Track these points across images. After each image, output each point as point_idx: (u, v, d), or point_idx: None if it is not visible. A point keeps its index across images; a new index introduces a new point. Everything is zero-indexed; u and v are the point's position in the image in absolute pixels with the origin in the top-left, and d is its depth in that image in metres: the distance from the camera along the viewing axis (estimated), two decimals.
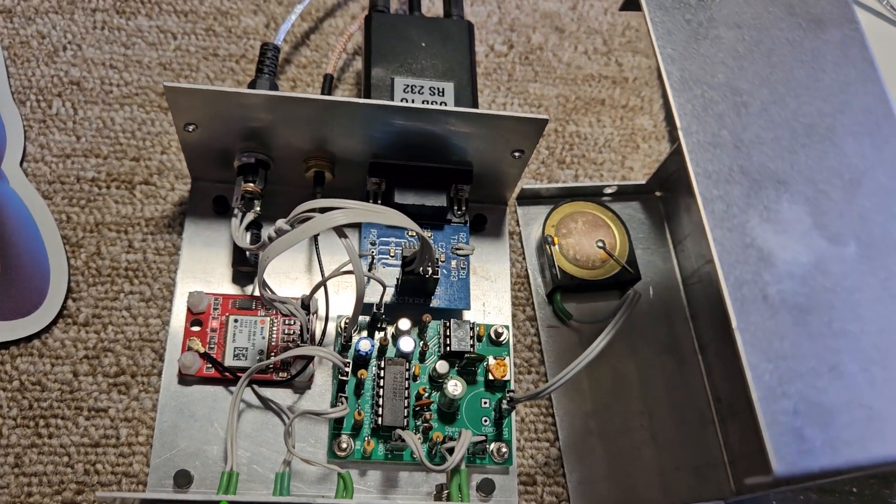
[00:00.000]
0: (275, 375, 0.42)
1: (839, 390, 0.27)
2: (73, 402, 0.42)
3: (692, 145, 0.30)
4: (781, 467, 0.25)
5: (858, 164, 0.32)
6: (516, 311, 0.48)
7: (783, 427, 0.26)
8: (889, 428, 0.27)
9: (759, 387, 0.26)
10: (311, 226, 0.37)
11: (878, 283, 0.29)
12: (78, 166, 0.48)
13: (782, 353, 0.27)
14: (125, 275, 0.45)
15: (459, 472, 0.38)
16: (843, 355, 0.28)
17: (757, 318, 0.27)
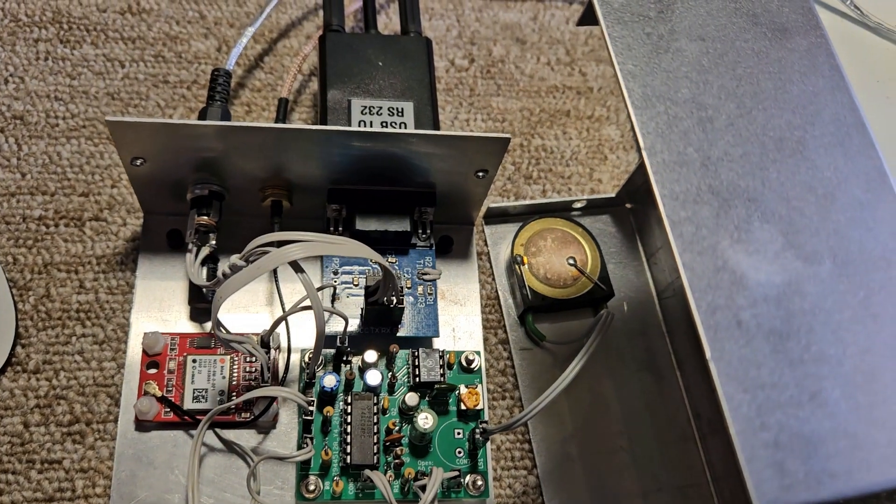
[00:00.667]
0: (237, 416, 0.40)
1: (821, 419, 0.26)
2: (24, 454, 0.40)
3: (657, 165, 0.29)
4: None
5: (831, 177, 0.30)
6: (488, 334, 0.46)
7: (763, 461, 0.24)
8: (874, 456, 0.25)
9: (736, 419, 0.25)
10: (266, 262, 0.35)
11: (857, 303, 0.28)
12: (24, 205, 0.45)
13: (760, 382, 0.26)
14: (77, 317, 0.43)
15: None
16: (824, 381, 0.26)
17: (732, 346, 0.26)
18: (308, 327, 0.43)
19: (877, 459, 0.25)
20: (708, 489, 0.44)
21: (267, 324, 0.42)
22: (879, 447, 0.26)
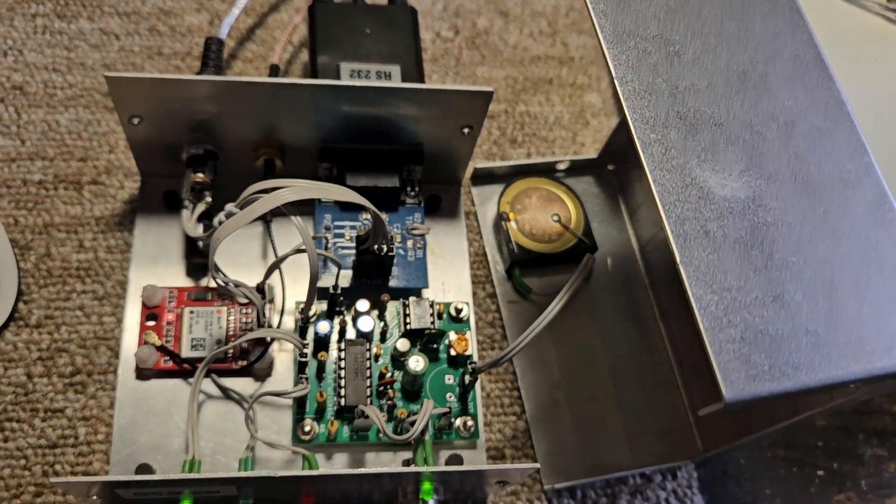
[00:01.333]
0: (234, 364, 0.42)
1: (784, 319, 0.27)
2: (28, 404, 0.41)
3: (628, 93, 0.31)
4: (731, 393, 0.25)
5: (792, 106, 0.32)
6: (476, 288, 0.48)
7: (730, 354, 0.26)
8: (836, 351, 0.27)
9: (704, 317, 0.27)
10: (261, 204, 0.36)
11: (817, 218, 0.30)
12: (24, 169, 0.47)
13: (726, 286, 0.27)
14: (77, 274, 0.45)
15: (424, 442, 0.38)
16: (786, 286, 0.28)
17: (700, 253, 0.28)
18: (301, 284, 0.45)
19: (837, 355, 0.27)
20: (691, 432, 0.46)
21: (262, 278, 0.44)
22: (839, 345, 0.27)
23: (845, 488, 0.47)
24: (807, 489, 0.47)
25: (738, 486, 0.46)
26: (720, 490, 0.46)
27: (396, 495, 0.38)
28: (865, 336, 0.28)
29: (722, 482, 0.46)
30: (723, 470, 0.47)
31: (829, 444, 0.48)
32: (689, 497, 0.45)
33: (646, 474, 0.45)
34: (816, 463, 0.48)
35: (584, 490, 0.44)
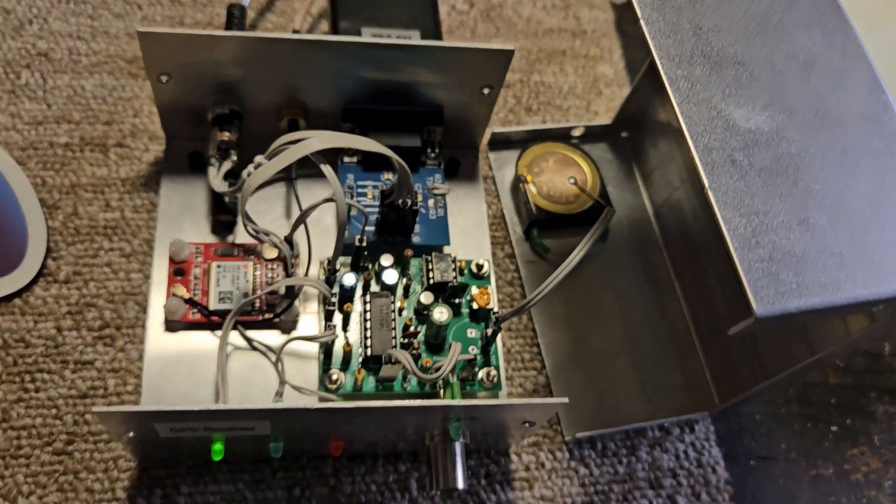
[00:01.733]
0: (260, 316, 0.43)
1: (810, 241, 0.28)
2: (58, 356, 0.42)
3: (654, 32, 0.32)
4: (761, 308, 0.26)
5: (811, 47, 0.33)
6: (495, 249, 0.49)
7: (760, 272, 0.27)
8: (860, 272, 0.28)
9: (734, 238, 0.27)
10: (290, 153, 0.37)
11: (838, 151, 0.31)
12: (50, 132, 0.48)
13: (753, 210, 0.28)
14: (104, 233, 0.45)
15: (452, 385, 0.38)
16: (811, 211, 0.29)
17: (727, 180, 0.29)
18: (326, 238, 0.46)
19: (861, 276, 0.28)
20: (708, 388, 0.46)
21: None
22: (863, 266, 0.28)
23: (859, 443, 0.48)
24: (821, 444, 0.48)
25: (753, 440, 0.47)
26: (736, 443, 0.47)
27: (423, 439, 0.38)
28: (888, 258, 0.28)
29: (738, 436, 0.47)
30: (738, 425, 0.47)
31: (842, 402, 0.49)
32: (707, 449, 0.46)
33: (664, 427, 0.46)
34: (830, 419, 0.49)
35: (605, 442, 0.45)
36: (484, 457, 0.43)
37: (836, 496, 0.46)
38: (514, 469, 0.43)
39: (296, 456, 0.41)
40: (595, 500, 0.43)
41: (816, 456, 0.47)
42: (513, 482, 0.43)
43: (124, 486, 0.40)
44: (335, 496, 0.41)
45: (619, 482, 0.44)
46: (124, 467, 0.40)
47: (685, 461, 0.45)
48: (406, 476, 0.42)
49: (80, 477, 0.40)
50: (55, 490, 0.39)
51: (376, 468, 0.42)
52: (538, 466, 0.43)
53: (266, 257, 0.44)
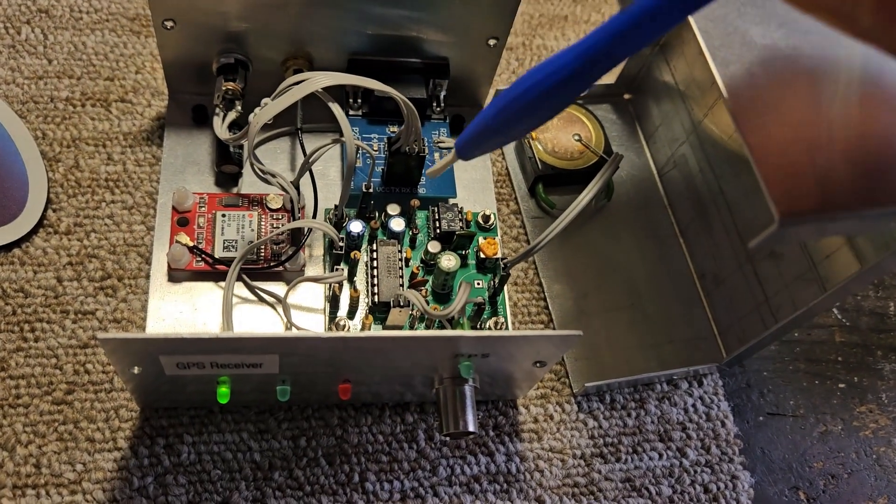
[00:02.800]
0: (265, 264, 0.42)
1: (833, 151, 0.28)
2: (58, 306, 0.41)
3: None
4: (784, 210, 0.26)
5: None
6: (500, 205, 0.49)
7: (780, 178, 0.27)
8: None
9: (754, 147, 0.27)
10: (297, 90, 0.37)
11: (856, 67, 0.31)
12: (51, 87, 0.47)
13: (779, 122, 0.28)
14: (105, 185, 0.45)
15: (462, 323, 0.38)
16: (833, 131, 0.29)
17: (745, 92, 0.29)
18: (332, 189, 0.45)
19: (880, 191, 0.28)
20: (715, 342, 0.46)
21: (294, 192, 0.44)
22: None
23: (867, 401, 0.48)
24: (829, 400, 0.48)
25: (761, 396, 0.47)
26: (745, 399, 0.46)
27: (431, 384, 0.38)
28: None
29: (746, 392, 0.47)
30: (746, 381, 0.47)
31: (849, 360, 0.49)
32: (716, 403, 0.45)
33: (673, 380, 0.45)
34: (837, 377, 0.48)
35: (613, 395, 0.44)
36: (492, 408, 0.42)
37: (844, 452, 0.46)
38: (522, 421, 0.42)
39: (301, 407, 0.41)
40: (605, 451, 0.43)
41: (825, 412, 0.47)
42: (521, 434, 0.42)
43: (126, 435, 0.39)
44: (341, 446, 0.40)
45: (629, 434, 0.43)
46: (126, 416, 0.39)
47: (694, 415, 0.45)
48: (413, 427, 0.41)
49: (80, 426, 0.39)
50: (55, 439, 0.38)
51: (383, 419, 0.41)
52: (546, 418, 0.43)
53: (271, 207, 0.43)
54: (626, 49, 0.24)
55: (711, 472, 0.43)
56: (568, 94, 0.26)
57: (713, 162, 0.45)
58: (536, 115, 0.27)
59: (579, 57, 0.24)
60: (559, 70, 0.25)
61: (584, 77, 0.25)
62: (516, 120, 0.28)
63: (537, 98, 0.26)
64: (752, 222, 0.43)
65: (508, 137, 0.30)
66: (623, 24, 0.23)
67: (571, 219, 0.39)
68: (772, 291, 0.41)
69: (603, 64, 0.24)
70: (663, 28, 0.23)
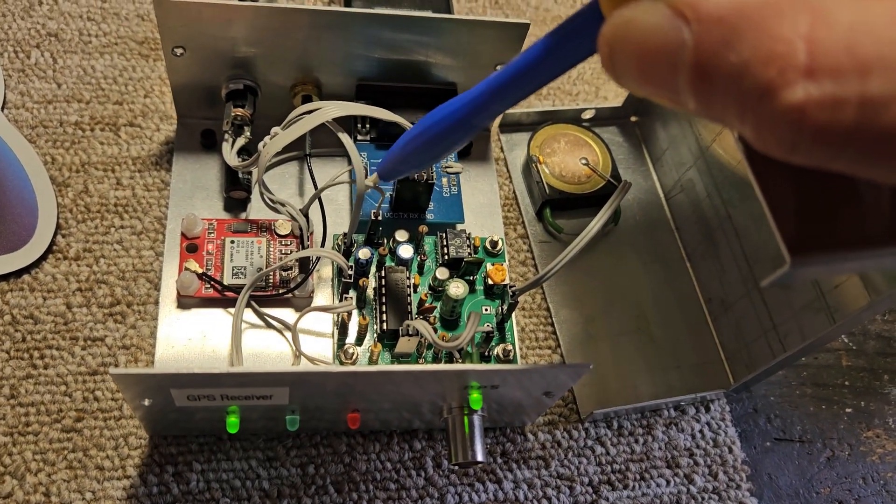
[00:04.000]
0: (274, 291, 0.42)
1: None
2: (67, 332, 0.41)
3: None
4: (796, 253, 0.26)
5: None
6: (508, 230, 0.49)
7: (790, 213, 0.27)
8: None
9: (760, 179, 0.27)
10: (307, 121, 0.37)
11: None
12: (60, 111, 0.47)
13: None
14: (115, 210, 0.45)
15: (471, 354, 0.38)
16: None
17: None
18: (341, 215, 0.45)
19: None
20: (722, 367, 0.46)
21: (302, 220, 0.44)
22: None
23: (873, 426, 0.48)
24: (836, 425, 0.48)
25: (768, 421, 0.47)
26: (752, 425, 0.46)
27: (440, 413, 0.38)
28: None
29: (753, 417, 0.47)
30: (753, 406, 0.47)
31: (856, 384, 0.49)
32: (723, 429, 0.45)
33: (680, 406, 0.45)
34: (844, 401, 0.48)
35: (620, 421, 0.44)
36: (500, 435, 0.42)
37: (852, 477, 0.46)
38: (530, 447, 0.43)
39: (310, 434, 0.41)
40: (612, 478, 0.43)
41: (832, 437, 0.47)
42: (529, 461, 0.42)
43: (135, 463, 0.39)
44: (350, 474, 0.40)
45: (636, 461, 0.43)
46: (135, 444, 0.39)
47: (701, 441, 0.45)
48: (422, 454, 0.41)
49: (89, 454, 0.39)
50: (64, 467, 0.38)
51: (391, 446, 0.41)
52: (554, 445, 0.43)
53: (280, 233, 0.43)
54: (502, 103, 0.26)
55: (719, 499, 0.43)
56: (456, 138, 0.28)
57: (721, 187, 0.45)
58: (431, 153, 0.30)
59: (461, 108, 0.27)
60: (446, 118, 0.28)
61: (467, 126, 0.27)
62: (417, 154, 0.30)
63: (429, 140, 0.29)
64: (760, 248, 0.43)
65: (417, 166, 0.32)
66: (499, 80, 0.25)
67: (579, 249, 0.40)
68: (780, 319, 0.41)
69: (482, 116, 0.27)
70: (533, 85, 0.24)
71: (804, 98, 0.15)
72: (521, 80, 0.24)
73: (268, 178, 0.46)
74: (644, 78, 0.18)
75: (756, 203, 0.42)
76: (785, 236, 0.26)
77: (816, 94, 0.15)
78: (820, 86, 0.14)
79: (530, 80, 0.24)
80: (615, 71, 0.18)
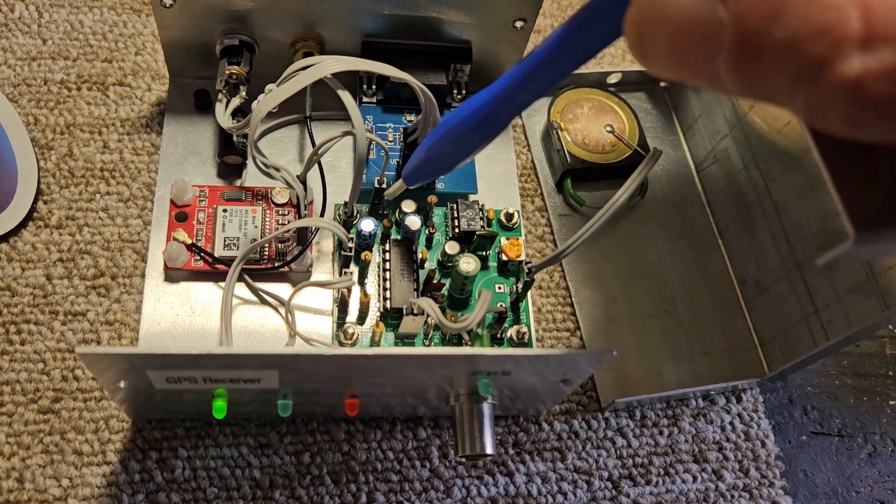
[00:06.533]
0: (269, 265, 0.39)
1: None
2: (46, 306, 0.38)
3: None
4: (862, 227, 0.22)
5: None
6: (524, 202, 0.45)
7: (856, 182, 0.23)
8: None
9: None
10: (304, 76, 0.34)
11: None
12: (45, 68, 0.44)
13: None
14: (101, 175, 0.42)
15: (481, 336, 0.34)
16: None
17: None
18: (343, 184, 0.42)
19: None
20: (756, 353, 0.42)
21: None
22: None
23: None
24: (878, 419, 0.44)
25: (805, 414, 0.43)
26: (787, 417, 0.43)
27: (447, 400, 0.35)
28: None
29: (788, 409, 0.43)
30: (788, 397, 0.43)
31: None
32: (756, 421, 0.42)
33: (709, 395, 0.42)
34: (888, 392, 0.45)
35: (644, 411, 0.41)
36: (512, 424, 0.39)
37: (894, 476, 0.42)
38: (544, 438, 0.39)
39: (306, 420, 0.38)
40: (634, 473, 0.39)
41: (873, 432, 0.43)
42: (543, 452, 0.39)
43: (116, 448, 0.36)
44: (348, 464, 0.37)
45: (660, 455, 0.40)
46: (116, 428, 0.36)
47: (732, 433, 0.41)
48: (427, 443, 0.38)
49: (67, 437, 0.36)
50: (40, 451, 0.35)
51: (394, 434, 0.38)
52: (571, 436, 0.39)
53: (277, 202, 0.40)
54: (528, 95, 0.25)
55: (750, 497, 0.40)
56: (485, 135, 0.27)
57: (759, 158, 0.41)
58: (460, 151, 0.29)
59: (488, 103, 0.26)
60: (474, 113, 0.27)
61: (496, 120, 0.26)
62: (444, 155, 0.29)
63: (457, 138, 0.28)
64: (803, 225, 0.39)
65: (445, 168, 0.30)
66: (522, 71, 0.24)
67: (603, 222, 0.36)
68: (822, 303, 0.37)
69: (508, 109, 0.26)
70: (555, 78, 0.23)
71: (862, 70, 0.13)
72: (545, 69, 0.23)
73: (265, 142, 0.43)
74: (679, 63, 0.17)
75: (799, 176, 0.38)
76: (849, 208, 0.22)
77: (875, 65, 0.13)
78: (879, 55, 0.13)
79: (554, 69, 0.23)
80: (645, 56, 0.17)
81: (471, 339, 0.35)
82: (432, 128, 0.38)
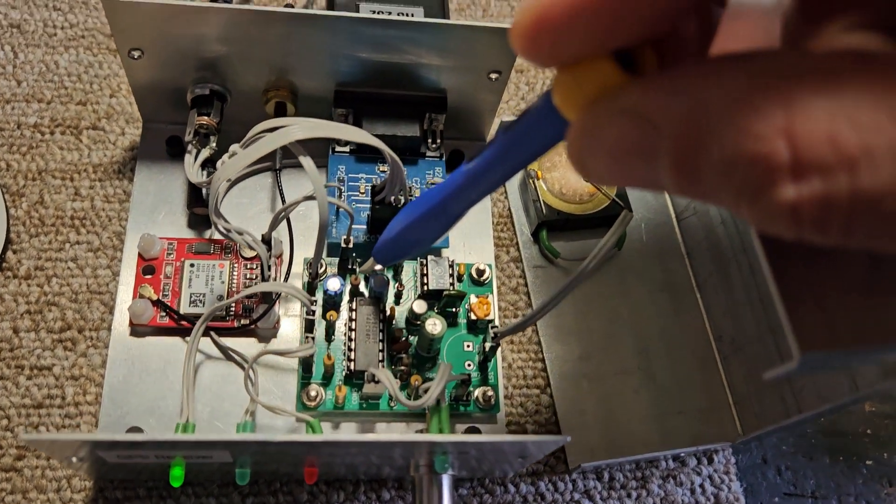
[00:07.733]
0: (235, 322, 0.38)
1: None
2: (12, 360, 0.38)
3: None
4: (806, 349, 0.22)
5: None
6: (499, 252, 0.44)
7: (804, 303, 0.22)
8: None
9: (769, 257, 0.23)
10: (267, 142, 0.33)
11: None
12: (19, 111, 0.44)
13: None
14: (71, 224, 0.41)
15: (440, 410, 0.34)
16: None
17: None
18: (311, 237, 0.41)
19: None
20: (730, 413, 0.42)
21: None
22: None
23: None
24: (853, 480, 0.43)
25: (778, 474, 0.43)
26: (759, 478, 0.42)
27: (408, 468, 0.34)
28: None
29: (761, 469, 0.42)
30: (762, 456, 0.43)
31: (879, 434, 0.44)
32: (727, 483, 0.41)
33: (680, 457, 0.41)
34: (864, 452, 0.44)
35: (612, 472, 0.40)
36: (478, 485, 0.39)
37: None
38: (510, 500, 0.39)
39: (268, 480, 0.37)
40: None
41: (848, 494, 0.43)
42: None
43: None
44: None
45: None
46: (78, 487, 0.36)
47: (702, 497, 0.41)
48: None
49: (28, 497, 0.36)
50: None
51: (357, 495, 0.38)
52: (537, 498, 0.39)
53: (245, 256, 0.40)
54: (476, 192, 0.25)
55: None
56: (437, 225, 0.28)
57: (736, 217, 0.40)
58: (418, 239, 0.29)
59: (432, 199, 0.27)
60: (425, 206, 0.28)
61: (445, 213, 0.27)
62: (405, 242, 0.30)
63: (412, 227, 0.29)
64: None
65: (410, 251, 0.31)
66: (469, 172, 0.24)
67: (572, 289, 0.35)
68: None
69: (457, 204, 0.26)
70: (501, 178, 0.23)
71: (796, 197, 0.14)
72: (490, 171, 0.23)
73: (236, 191, 0.43)
74: (620, 178, 0.17)
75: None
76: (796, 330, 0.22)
77: (807, 192, 0.14)
78: (809, 184, 0.14)
79: (500, 170, 0.23)
80: (588, 174, 0.18)
81: (429, 413, 0.35)
82: (399, 188, 0.37)
